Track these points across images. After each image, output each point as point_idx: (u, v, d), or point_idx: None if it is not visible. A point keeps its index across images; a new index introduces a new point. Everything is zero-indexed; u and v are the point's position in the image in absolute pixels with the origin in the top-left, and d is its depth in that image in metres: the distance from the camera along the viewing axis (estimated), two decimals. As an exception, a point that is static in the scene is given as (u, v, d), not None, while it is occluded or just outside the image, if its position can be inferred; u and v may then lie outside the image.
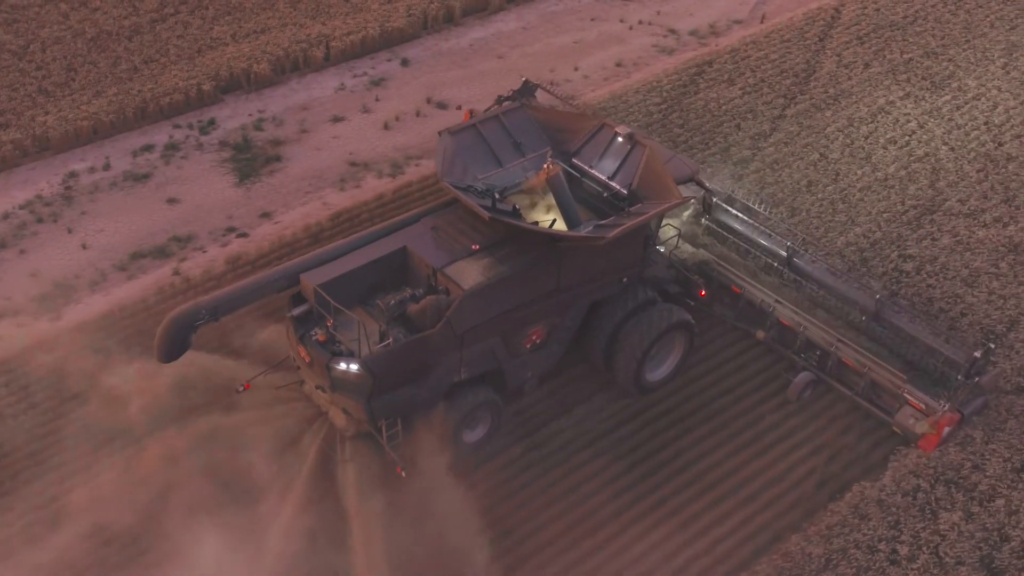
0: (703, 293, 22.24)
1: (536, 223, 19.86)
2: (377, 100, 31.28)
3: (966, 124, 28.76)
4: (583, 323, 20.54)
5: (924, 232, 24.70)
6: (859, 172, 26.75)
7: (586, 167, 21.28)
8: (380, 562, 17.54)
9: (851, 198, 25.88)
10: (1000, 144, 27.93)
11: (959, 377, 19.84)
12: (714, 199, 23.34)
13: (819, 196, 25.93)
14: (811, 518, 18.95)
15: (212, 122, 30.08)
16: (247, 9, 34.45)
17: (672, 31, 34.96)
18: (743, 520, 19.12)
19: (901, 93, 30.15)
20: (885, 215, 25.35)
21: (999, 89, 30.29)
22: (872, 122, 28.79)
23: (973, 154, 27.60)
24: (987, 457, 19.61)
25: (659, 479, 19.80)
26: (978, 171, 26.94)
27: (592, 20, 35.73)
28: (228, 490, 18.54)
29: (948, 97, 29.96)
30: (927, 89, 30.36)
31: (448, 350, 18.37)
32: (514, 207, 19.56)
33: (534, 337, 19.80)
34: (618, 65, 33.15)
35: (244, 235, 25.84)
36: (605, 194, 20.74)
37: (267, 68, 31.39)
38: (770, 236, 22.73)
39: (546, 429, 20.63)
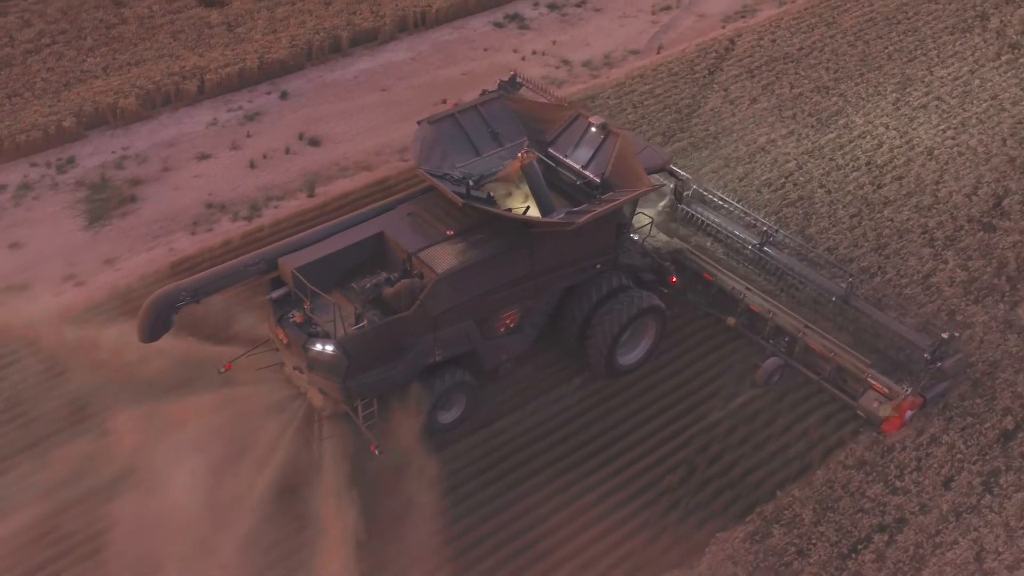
0: (674, 280, 22.60)
1: (510, 210, 20.10)
2: (248, 136, 29.58)
3: (847, 165, 27.12)
4: (557, 307, 20.92)
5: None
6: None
7: (561, 156, 21.52)
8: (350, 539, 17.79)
9: (712, 247, 24.36)
10: (879, 187, 26.29)
11: (925, 355, 20.10)
12: (694, 188, 23.91)
13: (681, 244, 24.32)
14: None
15: (71, 160, 28.36)
16: (126, 39, 32.73)
17: (565, 62, 33.28)
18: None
19: (784, 131, 28.49)
20: (746, 266, 23.87)
21: (886, 127, 28.63)
22: (749, 162, 27.13)
23: (850, 197, 25.96)
24: (814, 541, 18.02)
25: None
26: (852, 216, 25.30)
27: (485, 50, 34.03)
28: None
29: (833, 135, 28.32)
30: (812, 126, 28.72)
31: (422, 332, 18.73)
32: (489, 194, 19.99)
33: (508, 321, 20.14)
34: (504, 99, 31.45)
35: (81, 283, 24.14)
36: (579, 182, 20.97)
37: (134, 102, 29.66)
38: None
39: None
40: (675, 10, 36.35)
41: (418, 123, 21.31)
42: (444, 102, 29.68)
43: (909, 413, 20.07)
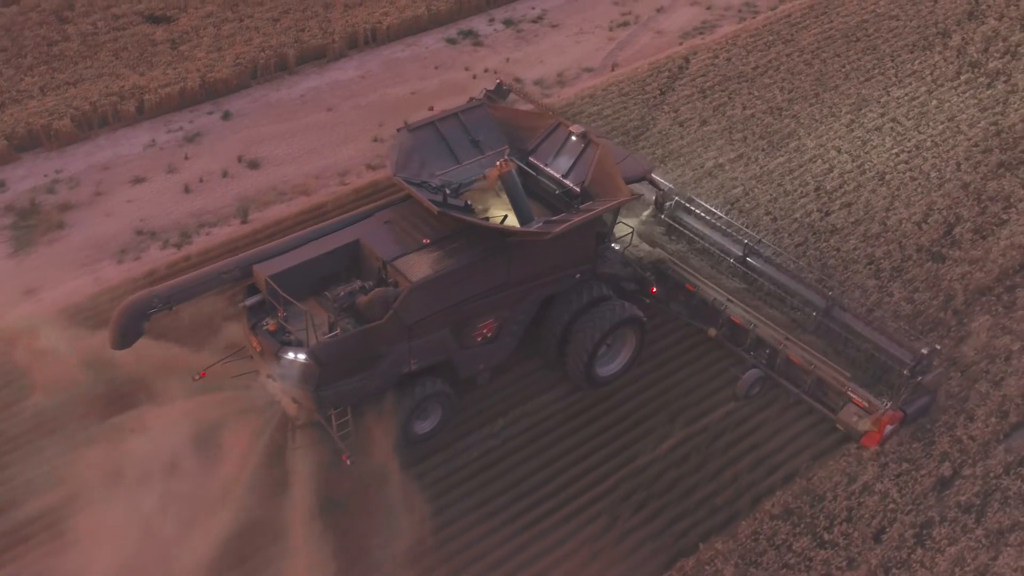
0: (654, 290, 22.24)
1: (487, 219, 19.81)
2: (186, 159, 28.58)
3: (795, 190, 26.12)
4: (536, 317, 20.54)
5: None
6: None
7: (541, 165, 21.20)
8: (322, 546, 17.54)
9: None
10: (827, 214, 25.30)
11: (905, 372, 19.60)
12: (676, 199, 23.58)
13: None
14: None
15: (2, 184, 27.35)
16: (67, 58, 31.71)
17: (517, 80, 32.19)
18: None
19: (733, 154, 27.48)
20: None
21: (838, 150, 27.63)
22: (695, 187, 26.11)
23: (796, 225, 24.97)
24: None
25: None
26: (797, 245, 24.30)
27: (436, 68, 33.02)
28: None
29: (783, 159, 27.32)
30: (762, 150, 27.72)
31: (396, 341, 18.39)
32: (466, 203, 19.71)
33: (485, 330, 19.78)
34: (451, 119, 30.43)
35: (-2, 316, 23.16)
36: (558, 191, 20.62)
37: (69, 124, 28.66)
38: None
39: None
40: (633, 26, 35.34)
41: (398, 130, 21.02)
42: (430, 109, 29.30)
43: (889, 428, 19.64)
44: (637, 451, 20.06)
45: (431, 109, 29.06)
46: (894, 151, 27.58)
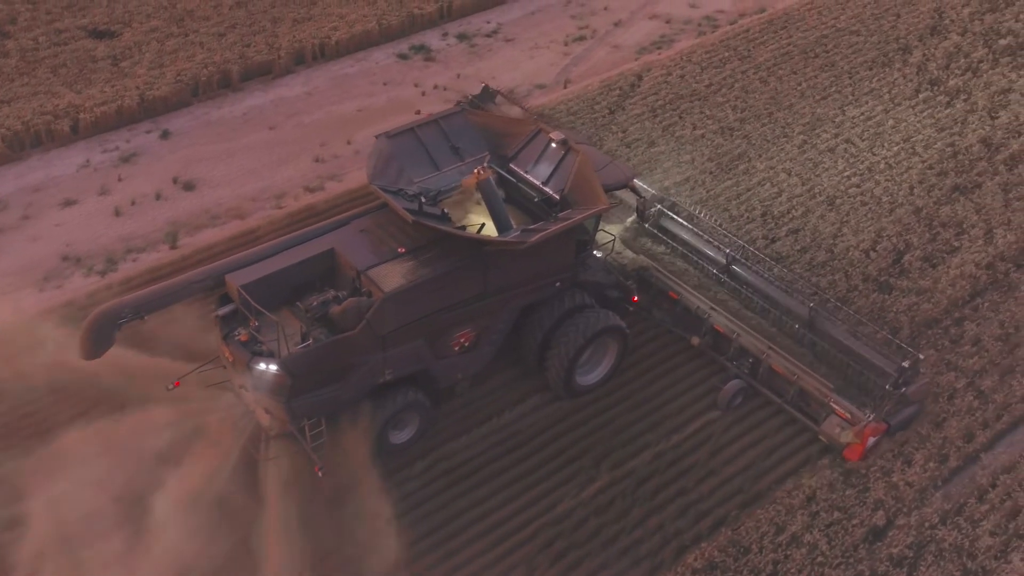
0: (635, 299, 21.95)
1: (464, 227, 19.36)
2: (120, 180, 27.50)
3: (741, 215, 25.06)
4: (516, 326, 20.16)
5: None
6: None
7: (521, 172, 20.78)
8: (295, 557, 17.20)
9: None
10: (772, 241, 24.23)
11: (887, 387, 19.07)
12: (658, 206, 23.18)
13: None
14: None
15: (-72, 208, 26.35)
16: (3, 74, 30.60)
17: (467, 97, 31.10)
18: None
19: (680, 177, 26.41)
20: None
21: (788, 172, 26.58)
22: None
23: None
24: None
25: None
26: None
27: (385, 84, 31.94)
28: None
29: (730, 182, 26.25)
30: (710, 172, 26.64)
31: (370, 352, 17.98)
32: (443, 211, 19.28)
33: (462, 339, 19.35)
34: (396, 138, 29.37)
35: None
36: (537, 199, 20.22)
37: (0, 144, 27.56)
38: None
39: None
40: (589, 40, 34.29)
41: (376, 137, 20.58)
42: (418, 113, 29.01)
43: (872, 440, 19.16)
44: (559, 496, 19.04)
45: (418, 113, 28.70)
46: (846, 174, 26.53)
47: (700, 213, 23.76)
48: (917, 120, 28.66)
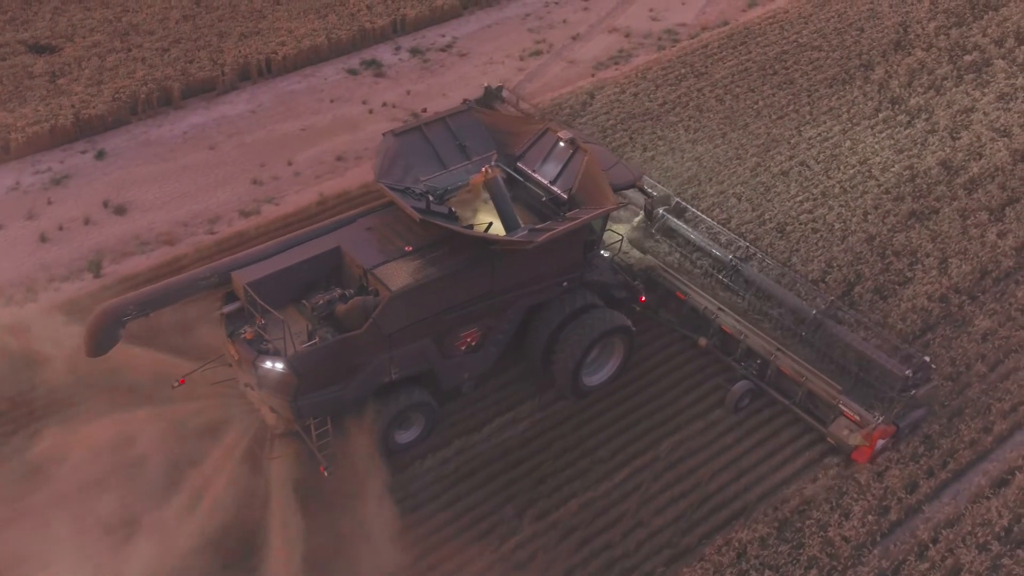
0: (643, 299, 21.50)
1: (471, 226, 18.99)
2: (49, 203, 26.19)
3: (687, 244, 23.71)
4: (522, 325, 19.77)
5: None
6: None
7: (529, 171, 20.45)
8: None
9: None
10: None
11: (895, 390, 18.82)
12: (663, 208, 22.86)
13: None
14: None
15: None
16: (-63, 92, 29.31)
17: (414, 115, 29.87)
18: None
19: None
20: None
21: (739, 198, 25.28)
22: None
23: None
24: None
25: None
26: (682, 307, 21.97)
27: (332, 101, 30.62)
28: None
29: (677, 208, 24.90)
30: (657, 198, 25.29)
31: (376, 351, 17.69)
32: (450, 209, 18.95)
33: (468, 339, 19.07)
34: (339, 159, 28.10)
35: None
36: (544, 198, 19.93)
37: (-76, 167, 26.31)
38: None
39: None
40: (545, 55, 32.96)
41: (383, 135, 20.21)
42: (424, 111, 28.78)
43: (880, 442, 18.83)
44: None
45: (424, 111, 28.31)
46: (799, 199, 25.23)
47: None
48: (876, 141, 27.36)
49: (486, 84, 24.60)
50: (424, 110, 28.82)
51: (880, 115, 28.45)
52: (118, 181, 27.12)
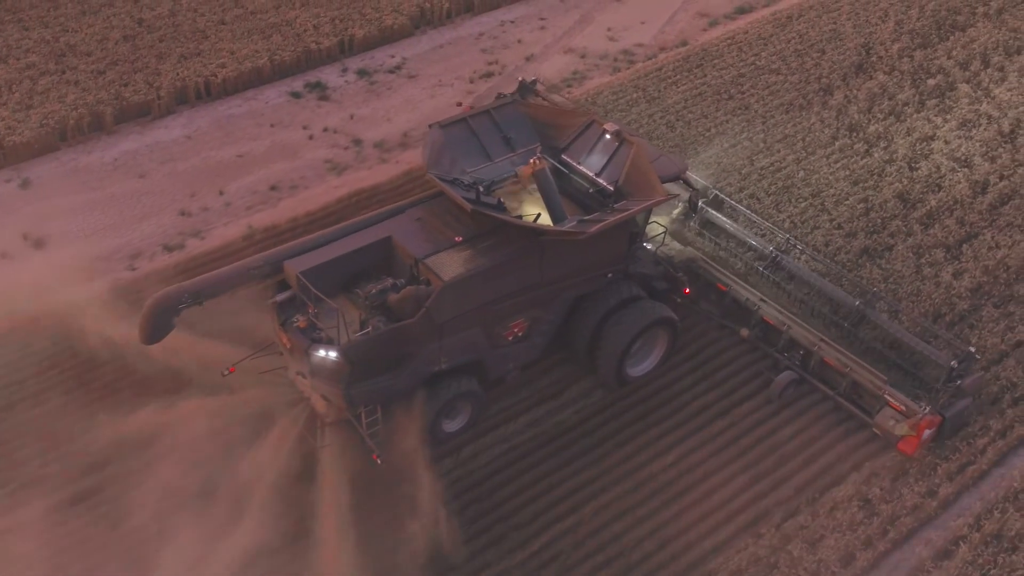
0: (687, 291, 21.31)
1: (520, 217, 18.80)
2: (-34, 237, 24.62)
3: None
4: (567, 317, 19.77)
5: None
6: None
7: (574, 163, 20.40)
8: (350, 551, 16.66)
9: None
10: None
11: (941, 380, 18.84)
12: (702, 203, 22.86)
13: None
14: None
15: None
16: None
17: (356, 142, 28.33)
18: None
19: (564, 239, 23.47)
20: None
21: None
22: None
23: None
24: None
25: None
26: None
27: (272, 126, 29.03)
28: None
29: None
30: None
31: (427, 340, 17.72)
32: (499, 201, 18.87)
33: (516, 329, 19.11)
34: (272, 189, 26.51)
35: None
36: (591, 190, 19.81)
37: None
38: None
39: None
40: (496, 77, 31.35)
41: (429, 127, 20.19)
42: (459, 104, 28.60)
43: (927, 433, 18.61)
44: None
45: (459, 104, 28.20)
46: (745, 235, 23.64)
47: None
48: (830, 172, 25.73)
49: (520, 78, 23.79)
50: (459, 103, 28.38)
51: (837, 143, 26.81)
52: (40, 212, 25.45)
